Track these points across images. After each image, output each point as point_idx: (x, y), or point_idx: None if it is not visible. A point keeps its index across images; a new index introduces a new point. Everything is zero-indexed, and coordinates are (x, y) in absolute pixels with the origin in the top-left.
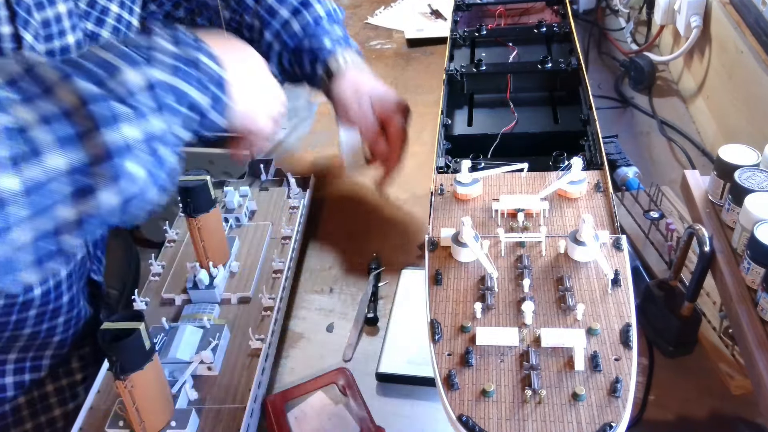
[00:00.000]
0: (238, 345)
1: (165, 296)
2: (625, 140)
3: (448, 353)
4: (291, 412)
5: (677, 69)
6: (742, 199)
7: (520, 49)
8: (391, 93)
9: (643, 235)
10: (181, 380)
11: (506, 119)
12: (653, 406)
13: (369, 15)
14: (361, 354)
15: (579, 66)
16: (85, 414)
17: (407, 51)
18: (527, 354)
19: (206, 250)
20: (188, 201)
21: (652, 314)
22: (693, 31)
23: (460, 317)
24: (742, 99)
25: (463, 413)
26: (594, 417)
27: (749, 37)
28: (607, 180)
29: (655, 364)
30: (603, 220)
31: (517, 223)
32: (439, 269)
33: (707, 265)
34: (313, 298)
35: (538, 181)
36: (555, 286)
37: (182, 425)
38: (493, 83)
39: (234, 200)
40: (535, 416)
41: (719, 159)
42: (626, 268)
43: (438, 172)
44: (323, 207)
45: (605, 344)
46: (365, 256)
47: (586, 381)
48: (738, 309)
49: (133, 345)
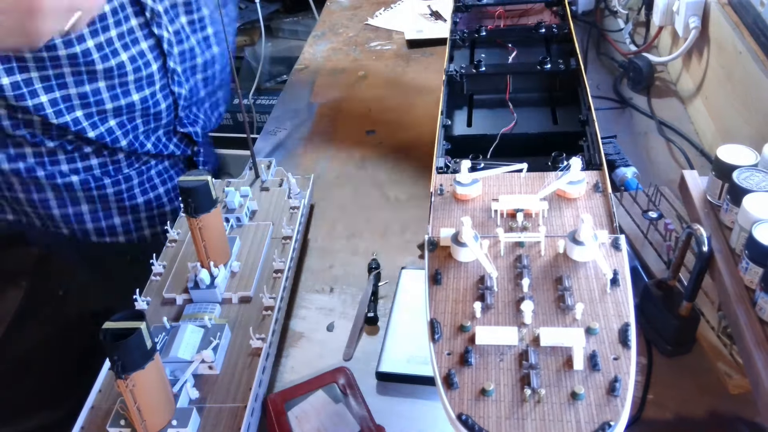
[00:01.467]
0: (239, 344)
1: (166, 296)
2: (623, 141)
3: (448, 352)
4: (291, 411)
5: (676, 70)
6: (741, 199)
7: (519, 50)
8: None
9: (641, 235)
10: (182, 379)
11: (506, 120)
12: (652, 405)
13: (369, 16)
14: (361, 353)
15: (578, 67)
16: (86, 413)
17: (407, 52)
18: (526, 353)
19: (207, 250)
20: (189, 201)
21: (651, 314)
22: (691, 32)
23: (460, 317)
24: (740, 99)
25: (462, 412)
26: (593, 416)
27: (748, 37)
28: (606, 180)
29: (654, 363)
30: (602, 220)
31: (516, 223)
32: (439, 269)
33: (705, 265)
34: (313, 297)
35: (537, 181)
36: (554, 285)
37: (183, 424)
38: (493, 84)
39: (235, 200)
40: (535, 415)
41: (717, 159)
42: (625, 267)
43: (438, 173)
44: (323, 207)
45: (604, 343)
46: (365, 256)
47: (585, 380)
48: (736, 308)
49: (134, 344)
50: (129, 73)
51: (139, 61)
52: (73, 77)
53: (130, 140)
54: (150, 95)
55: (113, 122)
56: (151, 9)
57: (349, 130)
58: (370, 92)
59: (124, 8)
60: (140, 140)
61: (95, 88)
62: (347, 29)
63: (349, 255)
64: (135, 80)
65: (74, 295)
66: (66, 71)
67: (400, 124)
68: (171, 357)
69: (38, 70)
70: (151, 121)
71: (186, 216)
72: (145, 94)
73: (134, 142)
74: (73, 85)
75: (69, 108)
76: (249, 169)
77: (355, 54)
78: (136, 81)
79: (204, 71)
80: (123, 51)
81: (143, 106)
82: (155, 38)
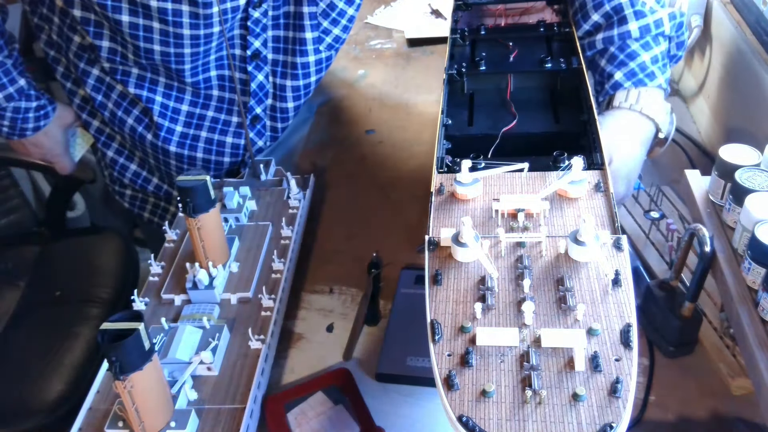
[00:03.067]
0: (237, 345)
1: (164, 296)
2: None
3: (448, 353)
4: (291, 412)
5: (678, 69)
6: (743, 199)
7: (520, 49)
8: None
9: (643, 236)
10: (181, 380)
11: (506, 119)
12: (654, 406)
13: (369, 14)
14: (361, 354)
15: (579, 66)
16: (84, 414)
17: (407, 51)
18: (527, 354)
19: (206, 251)
20: (188, 201)
21: (653, 314)
22: (694, 31)
23: (460, 317)
24: (743, 99)
25: (463, 413)
26: (594, 417)
27: (750, 36)
28: (607, 180)
29: (656, 364)
30: (603, 221)
31: (517, 223)
32: (439, 269)
33: (708, 265)
34: (313, 298)
35: (538, 181)
36: (555, 286)
37: (182, 426)
38: (494, 83)
39: (234, 200)
40: (536, 417)
41: (720, 159)
42: (627, 268)
43: (438, 172)
44: (323, 207)
45: (606, 344)
46: (365, 256)
47: (587, 381)
48: (739, 309)
49: (132, 345)
50: (214, 88)
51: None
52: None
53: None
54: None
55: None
56: (255, 50)
57: (349, 129)
58: (370, 91)
59: (232, 38)
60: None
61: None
62: None
63: (349, 255)
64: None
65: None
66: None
67: (400, 123)
68: (169, 358)
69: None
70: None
71: (184, 216)
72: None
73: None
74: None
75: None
76: (248, 169)
77: (354, 53)
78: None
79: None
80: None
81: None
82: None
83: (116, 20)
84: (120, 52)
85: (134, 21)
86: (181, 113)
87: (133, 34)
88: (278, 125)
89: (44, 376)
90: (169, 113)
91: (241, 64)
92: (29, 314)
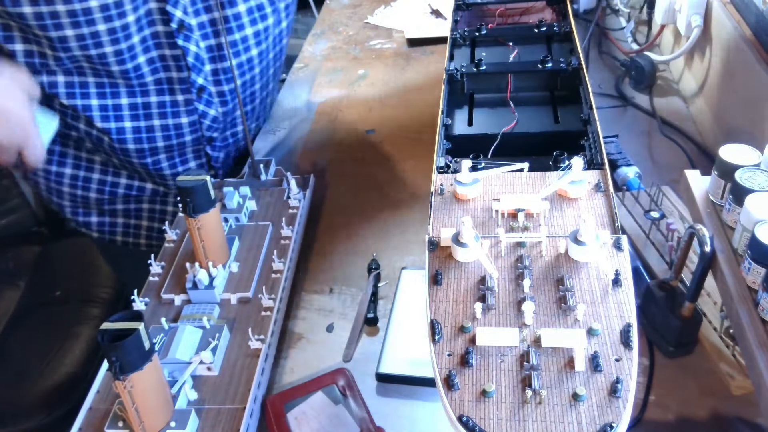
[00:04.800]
0: (237, 345)
1: (164, 296)
2: (625, 140)
3: (448, 353)
4: (291, 412)
5: (678, 68)
6: (743, 199)
7: (520, 49)
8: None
9: (643, 235)
10: (181, 381)
11: (506, 119)
12: (654, 406)
13: (369, 14)
14: (361, 354)
15: (579, 65)
16: (84, 414)
17: (407, 50)
18: (527, 354)
19: (206, 250)
20: (188, 201)
21: (653, 314)
22: (694, 31)
23: (461, 317)
24: (742, 99)
25: (463, 414)
26: (594, 417)
27: (750, 36)
28: (607, 180)
29: (656, 364)
30: (603, 220)
31: (517, 223)
32: (439, 269)
33: (708, 265)
34: (313, 298)
35: (538, 181)
36: (555, 286)
37: (182, 426)
38: (494, 83)
39: (234, 200)
40: (536, 417)
41: (720, 159)
42: (627, 268)
43: (438, 172)
44: (323, 207)
45: (606, 344)
46: (365, 256)
47: (587, 381)
48: (739, 309)
49: (132, 345)
50: (147, 74)
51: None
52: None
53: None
54: (170, 102)
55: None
56: (179, 21)
57: (349, 129)
58: (370, 91)
59: (150, 14)
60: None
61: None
62: (347, 28)
63: (348, 255)
64: (154, 82)
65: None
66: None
67: (400, 123)
68: (169, 358)
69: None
70: (172, 136)
71: (184, 216)
72: (165, 99)
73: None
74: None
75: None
76: (248, 169)
77: (354, 53)
78: (155, 83)
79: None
80: (142, 54)
81: (160, 110)
82: (180, 50)
83: (19, 14)
84: (37, 52)
85: (37, 10)
86: (123, 108)
87: (40, 24)
88: (224, 88)
89: (44, 376)
90: (111, 113)
91: (168, 40)
92: (29, 314)
